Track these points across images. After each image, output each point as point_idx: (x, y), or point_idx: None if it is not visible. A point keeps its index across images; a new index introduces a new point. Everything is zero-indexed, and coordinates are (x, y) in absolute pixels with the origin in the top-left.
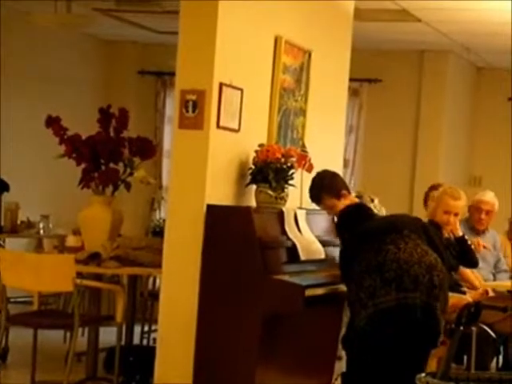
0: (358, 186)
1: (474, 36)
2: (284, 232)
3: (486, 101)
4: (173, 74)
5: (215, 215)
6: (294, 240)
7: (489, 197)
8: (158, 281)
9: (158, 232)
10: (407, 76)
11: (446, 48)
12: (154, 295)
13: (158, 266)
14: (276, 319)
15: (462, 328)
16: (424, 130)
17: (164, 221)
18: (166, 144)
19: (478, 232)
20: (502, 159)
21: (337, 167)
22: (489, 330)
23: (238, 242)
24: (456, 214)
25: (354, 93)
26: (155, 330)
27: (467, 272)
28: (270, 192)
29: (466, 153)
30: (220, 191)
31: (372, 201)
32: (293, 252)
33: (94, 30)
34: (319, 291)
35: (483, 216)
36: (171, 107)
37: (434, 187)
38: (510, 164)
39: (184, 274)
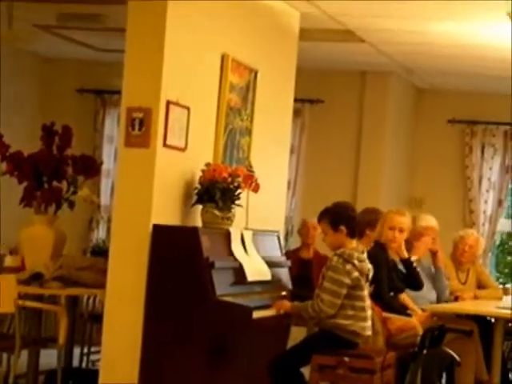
0: (298, 207)
1: (416, 57)
2: (231, 253)
3: (427, 122)
4: (113, 93)
5: (161, 235)
6: (241, 261)
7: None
8: (98, 302)
9: (97, 252)
10: (349, 97)
11: (387, 69)
12: (94, 317)
13: (102, 286)
14: (224, 340)
15: (425, 351)
16: (365, 151)
17: (103, 241)
18: (106, 163)
19: None
20: (442, 180)
21: (281, 188)
22: (454, 355)
23: (184, 263)
24: (401, 231)
25: (295, 113)
26: (95, 352)
27: (405, 298)
28: (217, 212)
29: (407, 174)
30: (166, 211)
31: None
32: (240, 273)
33: (33, 46)
34: (266, 313)
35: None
36: (111, 126)
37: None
38: (450, 185)
39: (129, 295)
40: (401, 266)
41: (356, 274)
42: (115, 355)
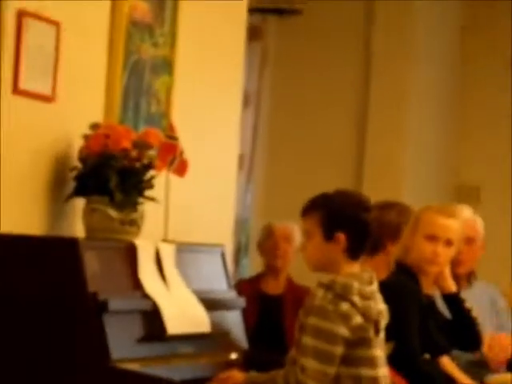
0: (258, 203)
1: None
2: (138, 284)
3: (479, 68)
4: None
5: (10, 252)
6: (156, 299)
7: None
8: None
9: None
10: (347, 5)
11: None
12: None
13: None
14: None
15: None
16: (377, 101)
17: None
18: None
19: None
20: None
21: (228, 168)
22: None
23: (53, 302)
24: (448, 243)
25: (252, 33)
26: None
27: (449, 363)
28: (112, 212)
29: (451, 146)
30: (19, 210)
31: None
32: (154, 320)
33: None
34: None
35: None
36: None
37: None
38: None
39: None
40: (442, 307)
41: (358, 319)
42: None
